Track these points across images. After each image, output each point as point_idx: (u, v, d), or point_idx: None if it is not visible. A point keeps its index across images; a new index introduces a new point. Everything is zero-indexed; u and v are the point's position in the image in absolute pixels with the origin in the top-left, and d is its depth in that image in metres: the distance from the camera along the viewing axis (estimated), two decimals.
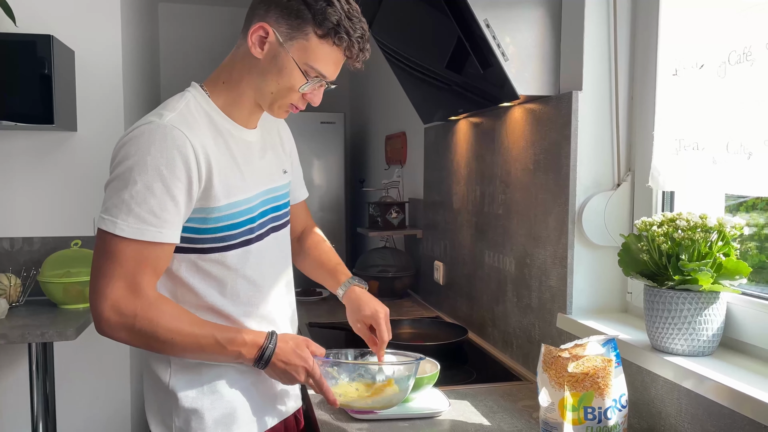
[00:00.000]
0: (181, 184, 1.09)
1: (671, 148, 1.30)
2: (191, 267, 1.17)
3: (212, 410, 1.20)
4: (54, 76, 2.42)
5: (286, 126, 1.44)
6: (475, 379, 1.71)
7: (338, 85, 1.24)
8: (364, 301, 1.38)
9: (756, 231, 1.28)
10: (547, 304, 1.64)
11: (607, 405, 1.14)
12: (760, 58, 1.08)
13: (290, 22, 1.12)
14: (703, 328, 1.18)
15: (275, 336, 1.17)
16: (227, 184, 1.16)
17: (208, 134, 1.16)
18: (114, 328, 1.08)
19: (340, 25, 1.12)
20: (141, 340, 1.10)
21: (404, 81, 2.37)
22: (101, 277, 1.07)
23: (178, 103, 1.16)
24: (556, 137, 1.58)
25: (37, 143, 2.76)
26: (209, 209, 1.14)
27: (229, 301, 1.20)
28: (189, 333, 1.11)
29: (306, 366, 1.17)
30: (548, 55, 1.60)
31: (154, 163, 1.06)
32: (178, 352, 1.14)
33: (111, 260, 1.07)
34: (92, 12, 2.78)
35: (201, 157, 1.11)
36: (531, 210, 1.72)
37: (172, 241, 1.11)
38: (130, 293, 1.07)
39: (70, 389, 2.83)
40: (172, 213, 1.09)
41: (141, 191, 1.06)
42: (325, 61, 1.15)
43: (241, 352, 1.14)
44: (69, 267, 2.51)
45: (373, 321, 1.36)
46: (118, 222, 1.05)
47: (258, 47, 1.14)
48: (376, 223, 2.86)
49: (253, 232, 1.23)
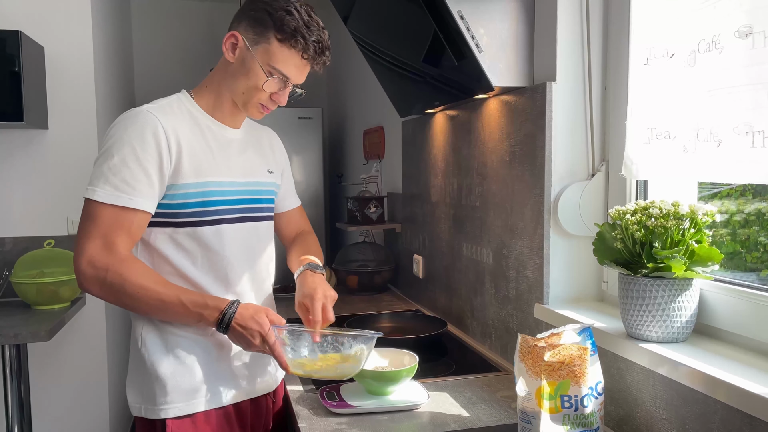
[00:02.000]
0: (152, 159, 1.25)
1: (644, 137, 1.31)
2: (166, 239, 1.31)
3: (174, 378, 1.30)
4: (23, 72, 2.37)
5: (278, 140, 1.59)
6: (454, 371, 1.72)
7: (305, 89, 1.39)
8: (308, 283, 1.41)
9: (728, 218, 1.30)
10: (525, 295, 1.65)
11: (583, 393, 1.14)
12: (728, 46, 1.09)
13: (256, 29, 1.30)
14: (677, 315, 1.19)
15: (237, 303, 1.27)
16: (197, 165, 1.31)
17: (185, 124, 1.32)
18: (89, 280, 1.23)
19: (297, 30, 1.28)
20: (111, 293, 1.23)
21: (381, 75, 2.36)
22: (81, 236, 1.24)
23: (161, 101, 1.35)
24: (531, 128, 1.58)
25: (6, 141, 2.70)
26: (179, 185, 1.29)
27: (201, 272, 1.33)
28: (154, 290, 1.23)
29: (261, 331, 1.25)
30: (522, 47, 1.61)
31: (129, 141, 1.24)
32: (143, 307, 1.25)
33: (90, 222, 1.23)
34: (62, 7, 2.72)
35: (171, 137, 1.27)
36: (507, 201, 1.72)
37: (143, 208, 1.25)
38: (104, 250, 1.22)
39: (45, 392, 2.78)
40: (144, 183, 1.25)
41: (117, 164, 1.23)
42: (285, 62, 1.30)
43: (202, 314, 1.25)
44: (42, 267, 2.46)
45: (308, 299, 1.38)
46: (97, 189, 1.23)
47: (230, 52, 1.33)
48: (355, 217, 2.86)
49: (227, 214, 1.35)
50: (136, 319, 1.35)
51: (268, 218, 1.48)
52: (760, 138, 1.03)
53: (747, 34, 1.05)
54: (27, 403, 2.38)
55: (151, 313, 1.28)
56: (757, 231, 1.25)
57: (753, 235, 1.26)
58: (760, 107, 1.03)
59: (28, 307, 2.48)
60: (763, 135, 1.03)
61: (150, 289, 1.23)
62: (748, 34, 1.05)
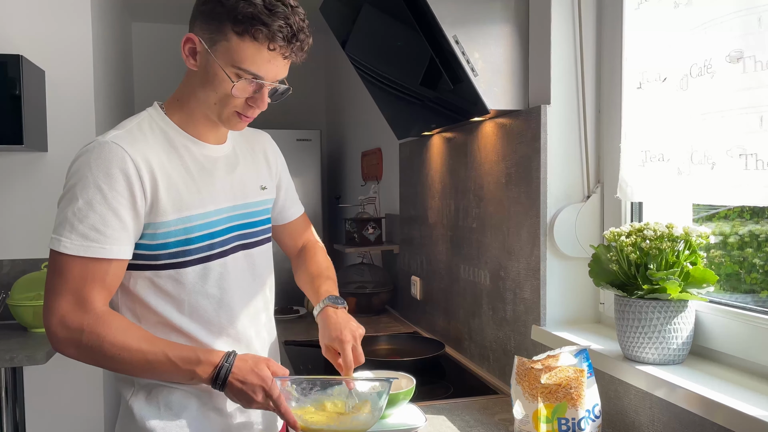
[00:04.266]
0: (123, 199, 1.09)
1: (638, 159, 1.32)
2: (147, 284, 1.15)
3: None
4: (23, 96, 2.39)
5: (273, 144, 1.42)
6: (451, 394, 1.70)
7: (290, 86, 1.19)
8: (332, 323, 1.27)
9: (724, 239, 1.31)
10: (522, 317, 1.65)
11: (580, 416, 1.14)
12: (720, 71, 1.11)
13: (210, 26, 1.10)
14: (673, 337, 1.19)
15: (233, 355, 1.12)
16: (178, 198, 1.14)
17: (158, 149, 1.15)
18: (63, 343, 1.08)
19: (255, 17, 1.06)
20: (89, 356, 1.09)
21: (378, 98, 2.39)
22: (50, 294, 1.08)
23: (130, 122, 1.17)
24: (526, 151, 1.60)
25: (6, 164, 2.71)
26: (158, 224, 1.12)
27: (187, 319, 1.17)
28: (137, 349, 1.07)
29: (264, 385, 1.10)
30: (517, 70, 1.63)
31: (94, 180, 1.07)
32: (128, 368, 1.10)
33: (59, 277, 1.07)
34: (63, 32, 2.76)
35: (144, 170, 1.10)
36: (504, 223, 1.73)
37: (118, 256, 1.09)
38: (77, 308, 1.07)
39: (41, 416, 2.75)
40: (116, 228, 1.08)
41: (82, 208, 1.07)
42: (252, 59, 1.09)
43: (195, 371, 1.09)
44: (39, 290, 2.45)
45: (337, 345, 1.25)
46: (62, 240, 1.07)
47: (191, 59, 1.13)
48: (353, 239, 2.86)
49: (214, 248, 1.19)
50: (124, 378, 1.20)
51: (265, 242, 1.32)
52: (753, 160, 1.04)
53: (738, 58, 1.07)
54: (22, 426, 2.36)
55: (137, 375, 1.13)
56: (754, 252, 1.25)
57: (750, 256, 1.26)
58: (752, 131, 1.04)
59: (24, 330, 2.47)
60: (756, 157, 1.04)
61: (132, 348, 1.07)
62: (739, 59, 1.07)
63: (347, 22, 2.17)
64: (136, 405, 1.17)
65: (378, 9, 1.92)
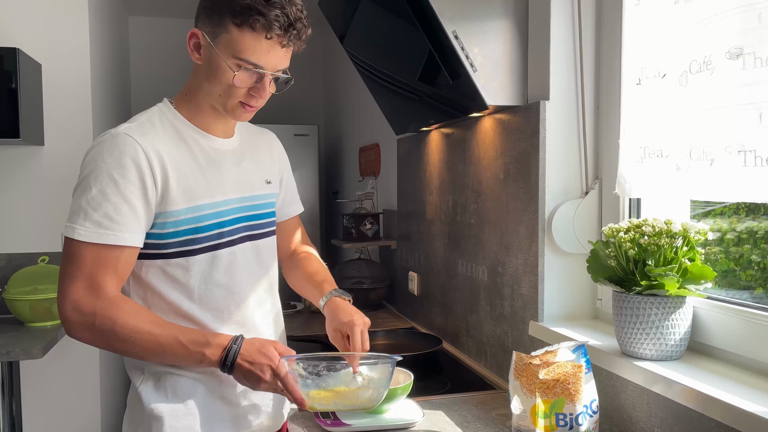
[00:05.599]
0: (135, 188, 1.14)
1: (636, 155, 1.32)
2: (158, 273, 1.20)
3: (172, 419, 1.20)
4: (20, 89, 2.37)
5: (278, 143, 1.47)
6: (449, 389, 1.71)
7: (293, 77, 1.23)
8: (342, 309, 1.36)
9: (721, 236, 1.31)
10: (520, 312, 1.65)
11: (578, 411, 1.14)
12: (719, 67, 1.11)
13: (212, 20, 1.16)
14: (671, 333, 1.19)
15: (241, 338, 1.16)
16: (188, 188, 1.19)
17: (168, 141, 1.20)
18: (76, 327, 1.12)
19: (252, 8, 1.12)
20: (102, 340, 1.13)
21: (377, 93, 2.38)
22: (64, 279, 1.13)
23: (141, 116, 1.23)
24: (525, 146, 1.59)
25: (2, 158, 2.70)
26: (168, 213, 1.17)
27: (197, 306, 1.22)
28: (148, 332, 1.12)
29: (271, 364, 1.13)
30: (516, 66, 1.63)
31: (107, 170, 1.12)
32: (139, 352, 1.14)
33: (72, 263, 1.12)
34: (59, 25, 2.74)
35: (155, 160, 1.15)
36: (502, 219, 1.73)
37: (130, 244, 1.14)
38: (90, 293, 1.11)
39: (37, 410, 2.75)
40: (129, 217, 1.13)
41: (96, 197, 1.12)
42: (251, 49, 1.14)
43: (204, 353, 1.13)
44: (36, 284, 2.45)
45: (348, 328, 1.32)
46: (77, 227, 1.11)
47: (196, 53, 1.20)
48: (351, 234, 2.86)
49: (223, 237, 1.24)
50: (134, 366, 1.25)
51: (270, 234, 1.36)
52: (752, 157, 1.04)
53: (738, 55, 1.07)
54: (18, 420, 2.36)
55: (148, 358, 1.17)
56: (750, 249, 1.26)
57: (746, 253, 1.26)
58: (752, 127, 1.04)
59: (21, 324, 2.46)
60: (755, 154, 1.04)
61: (144, 331, 1.11)
62: (739, 55, 1.07)
63: (345, 16, 2.16)
64: (145, 391, 1.21)
65: (376, 4, 1.91)
